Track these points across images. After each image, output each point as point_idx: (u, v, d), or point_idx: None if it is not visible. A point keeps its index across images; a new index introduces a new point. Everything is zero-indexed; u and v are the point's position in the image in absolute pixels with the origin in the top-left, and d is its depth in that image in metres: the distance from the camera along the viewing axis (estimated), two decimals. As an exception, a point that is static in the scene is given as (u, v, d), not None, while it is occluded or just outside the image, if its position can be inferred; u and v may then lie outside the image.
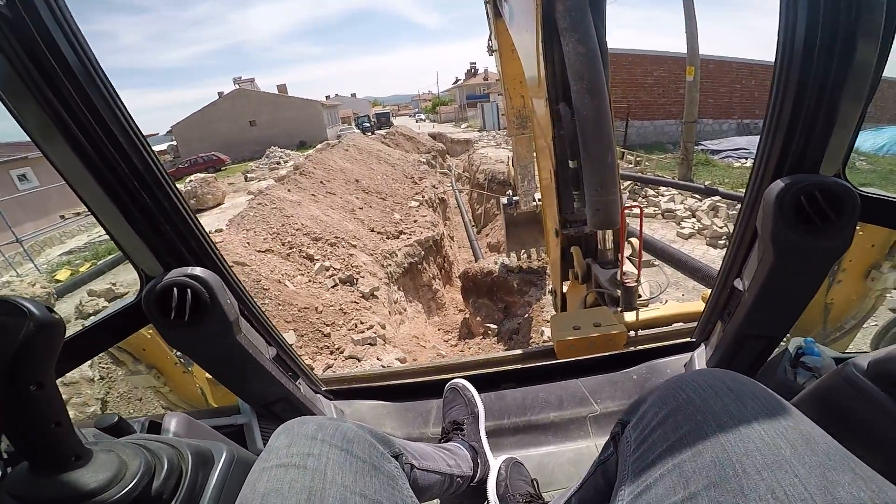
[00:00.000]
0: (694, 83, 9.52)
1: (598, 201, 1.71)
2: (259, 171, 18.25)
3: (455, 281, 10.05)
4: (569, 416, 1.38)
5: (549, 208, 2.61)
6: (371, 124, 36.74)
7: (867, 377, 0.60)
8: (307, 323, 5.54)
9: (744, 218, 1.01)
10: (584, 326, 1.75)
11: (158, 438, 0.63)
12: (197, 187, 14.10)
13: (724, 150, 13.60)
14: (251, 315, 1.13)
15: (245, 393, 1.11)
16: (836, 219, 0.77)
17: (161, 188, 0.85)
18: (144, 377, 1.33)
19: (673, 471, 0.52)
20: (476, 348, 6.95)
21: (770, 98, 0.83)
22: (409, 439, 1.42)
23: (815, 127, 0.78)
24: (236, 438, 1.04)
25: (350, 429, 0.67)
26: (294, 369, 1.29)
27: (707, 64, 15.53)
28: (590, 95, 1.58)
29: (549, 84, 1.91)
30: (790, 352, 1.13)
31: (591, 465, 0.86)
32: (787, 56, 0.75)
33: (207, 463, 0.63)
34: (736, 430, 0.50)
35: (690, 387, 0.59)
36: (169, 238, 0.89)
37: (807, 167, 0.83)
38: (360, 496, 0.58)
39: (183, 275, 0.86)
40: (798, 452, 0.46)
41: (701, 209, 7.99)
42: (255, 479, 0.57)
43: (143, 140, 0.82)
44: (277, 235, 7.64)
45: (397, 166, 15.01)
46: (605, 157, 1.66)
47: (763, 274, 0.92)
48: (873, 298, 1.74)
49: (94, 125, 0.74)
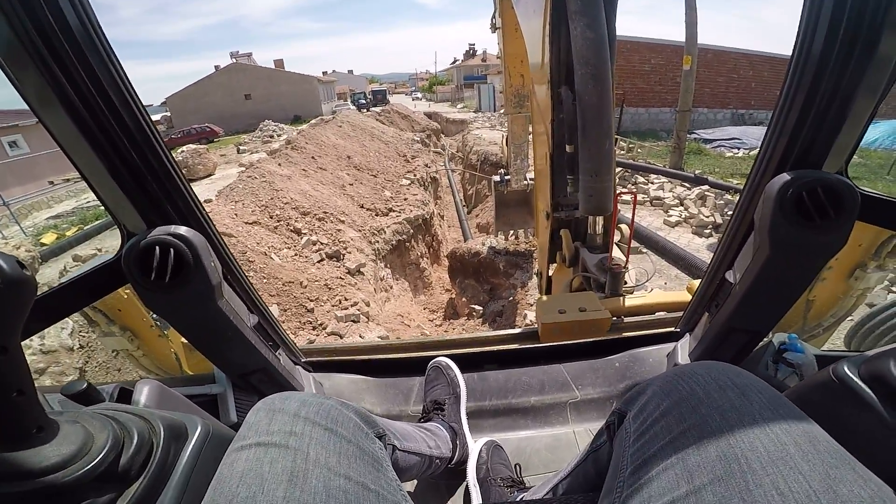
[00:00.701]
0: (690, 72, 9.48)
1: (591, 187, 1.70)
2: (252, 143, 18.36)
3: (443, 260, 10.05)
4: (549, 400, 1.38)
5: (541, 191, 2.59)
6: (367, 101, 36.41)
7: (859, 378, 0.59)
8: (291, 297, 5.49)
9: (741, 210, 1.00)
10: (569, 310, 1.74)
11: (129, 409, 0.60)
12: (188, 157, 14.48)
13: (716, 140, 13.70)
14: (234, 280, 1.09)
15: (222, 361, 1.08)
16: (836, 216, 0.77)
17: (150, 146, 0.81)
18: (118, 339, 1.29)
19: (676, 464, 0.51)
20: (460, 329, 6.99)
21: (783, 88, 0.81)
22: (389, 416, 1.41)
23: (825, 121, 0.77)
24: (209, 408, 1.01)
25: (334, 406, 0.65)
26: (275, 339, 1.26)
27: (705, 53, 15.53)
28: (594, 81, 1.55)
29: (553, 67, 1.87)
30: (774, 346, 1.14)
31: (582, 453, 0.85)
32: (808, 45, 0.73)
33: (180, 437, 0.59)
34: (741, 426, 0.49)
35: (693, 379, 0.58)
36: (154, 195, 0.85)
37: (811, 162, 0.82)
38: (344, 478, 0.55)
39: (166, 233, 0.82)
40: (802, 450, 0.46)
41: (689, 198, 8.05)
42: (232, 458, 0.54)
43: (136, 97, 0.78)
44: (266, 208, 7.55)
45: (391, 144, 14.82)
46: (603, 144, 1.64)
47: (757, 267, 0.91)
48: (855, 297, 1.76)
49: (91, 88, 0.71)
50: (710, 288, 1.20)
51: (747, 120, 17.40)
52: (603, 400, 1.38)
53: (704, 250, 6.44)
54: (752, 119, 17.50)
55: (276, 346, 1.25)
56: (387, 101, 37.87)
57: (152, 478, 0.52)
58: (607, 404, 1.37)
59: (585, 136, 1.64)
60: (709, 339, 1.17)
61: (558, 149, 2.04)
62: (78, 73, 0.69)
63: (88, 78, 0.71)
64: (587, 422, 1.33)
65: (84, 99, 0.71)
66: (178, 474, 0.55)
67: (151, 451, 0.54)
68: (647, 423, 0.59)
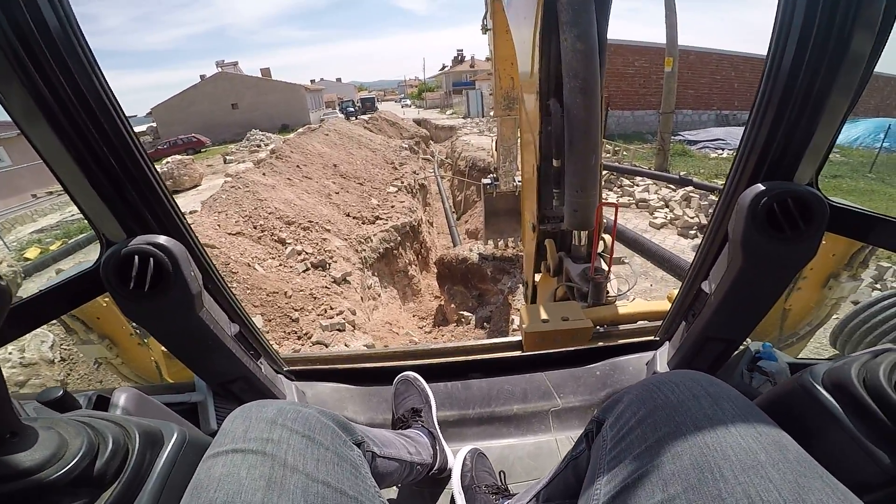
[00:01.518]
0: (672, 74, 9.60)
1: (577, 202, 1.72)
2: (239, 153, 18.27)
3: (432, 267, 10.05)
4: (532, 409, 1.39)
5: (528, 202, 2.62)
6: (355, 109, 36.41)
7: (822, 386, 0.61)
8: (276, 308, 5.44)
9: (716, 221, 1.02)
10: (552, 319, 1.76)
11: (104, 416, 0.60)
12: (174, 168, 14.35)
13: (701, 141, 13.81)
14: (215, 289, 1.09)
15: (202, 370, 1.07)
16: (805, 227, 0.79)
17: (131, 155, 0.81)
18: (96, 347, 1.27)
19: (652, 472, 0.52)
20: (449, 335, 6.98)
21: (756, 98, 0.83)
22: (372, 425, 1.41)
23: (798, 127, 0.79)
24: (189, 417, 1.00)
25: (311, 414, 0.65)
26: (256, 348, 1.25)
27: (688, 55, 15.71)
28: (582, 95, 1.55)
29: (542, 78, 1.86)
30: (749, 355, 1.17)
31: (562, 461, 0.86)
32: (780, 51, 0.75)
33: (156, 443, 0.59)
34: (713, 434, 0.51)
35: (668, 387, 0.60)
36: (134, 204, 0.85)
37: (782, 173, 0.85)
38: (322, 484, 0.55)
39: (146, 242, 0.82)
40: (772, 458, 0.47)
41: (674, 199, 8.13)
42: (209, 464, 0.54)
43: (118, 107, 0.78)
44: (249, 218, 7.49)
45: (378, 151, 14.83)
46: (590, 160, 1.65)
47: (731, 277, 0.93)
48: (829, 306, 1.81)
49: (74, 100, 0.71)
50: (687, 298, 1.23)
51: (731, 121, 17.59)
52: (584, 408, 1.39)
53: (689, 251, 6.49)
54: (735, 120, 17.70)
55: (258, 354, 1.24)
56: (375, 108, 37.84)
57: (127, 483, 0.52)
58: (588, 412, 1.39)
59: (572, 151, 1.65)
60: (686, 347, 1.19)
61: (545, 161, 2.03)
62: (62, 86, 0.69)
63: (72, 90, 0.71)
64: (569, 429, 1.34)
65: (67, 112, 0.71)
66: (153, 480, 0.55)
67: (127, 456, 0.54)
68: (624, 431, 0.60)
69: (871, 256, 1.69)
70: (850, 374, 0.58)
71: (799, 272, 1.05)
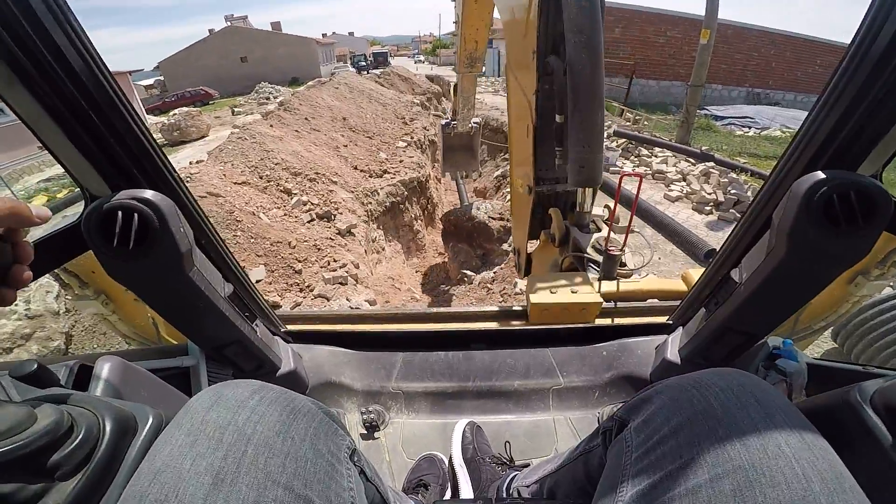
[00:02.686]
0: (707, 46, 9.15)
1: (583, 158, 1.66)
2: (247, 105, 18.77)
3: (438, 223, 9.97)
4: (532, 385, 1.36)
5: (520, 166, 2.46)
6: (367, 63, 36.07)
7: (871, 407, 0.54)
8: (279, 258, 5.41)
9: (758, 206, 0.93)
10: (560, 291, 1.70)
11: (79, 399, 0.53)
12: (181, 120, 15.04)
13: (728, 117, 13.46)
14: (209, 246, 1.02)
15: (194, 333, 1.02)
16: (864, 223, 0.70)
17: (114, 109, 0.74)
18: (92, 303, 1.23)
19: (685, 496, 0.46)
20: (451, 294, 7.00)
21: (830, 80, 0.73)
22: (370, 392, 1.38)
23: (874, 120, 0.69)
24: (181, 382, 0.97)
25: (295, 398, 0.57)
26: (252, 309, 1.20)
27: (725, 29, 15.38)
28: (588, 51, 1.52)
29: (541, 36, 1.79)
30: (767, 350, 1.10)
31: (573, 452, 0.81)
32: (871, 37, 0.65)
33: (129, 431, 0.53)
34: (764, 453, 0.44)
35: (710, 391, 0.53)
36: (119, 159, 0.78)
37: (846, 164, 0.75)
38: (283, 488, 0.46)
39: (130, 197, 0.75)
40: (828, 490, 0.41)
41: (693, 174, 7.92)
42: (156, 448, 0.47)
43: (98, 61, 0.71)
44: (256, 169, 7.36)
45: (389, 106, 14.39)
46: (596, 116, 1.61)
47: (768, 268, 0.85)
48: (851, 304, 1.72)
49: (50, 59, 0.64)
50: (710, 283, 1.15)
51: (763, 99, 17.13)
52: (585, 389, 1.35)
53: (703, 227, 6.41)
54: (767, 98, 17.26)
55: (254, 316, 1.19)
56: (388, 63, 37.08)
57: (94, 475, 0.47)
58: (590, 393, 1.35)
59: (577, 108, 1.59)
60: (703, 336, 1.13)
61: (543, 120, 1.97)
62: (36, 46, 0.62)
63: (47, 49, 0.63)
64: (567, 410, 1.32)
65: (44, 72, 0.64)
66: (124, 472, 0.49)
67: (95, 446, 0.49)
68: (655, 441, 0.53)
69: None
70: None
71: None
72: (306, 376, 1.34)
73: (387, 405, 1.38)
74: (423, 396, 1.39)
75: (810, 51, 17.17)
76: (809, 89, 17.35)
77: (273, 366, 1.21)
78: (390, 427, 1.34)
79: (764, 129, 12.60)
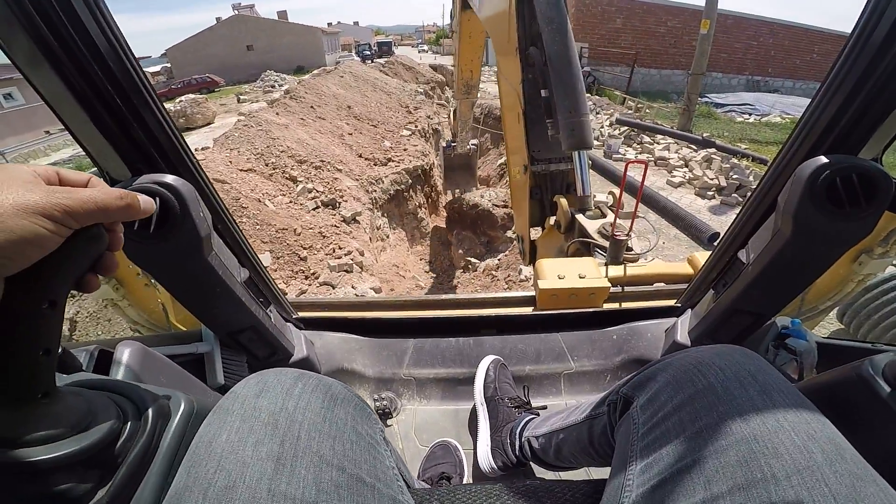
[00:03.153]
0: (707, 36, 9.29)
1: (571, 122, 1.90)
2: (253, 93, 18.81)
3: (442, 211, 9.97)
4: (544, 370, 1.37)
5: (515, 154, 2.68)
6: (371, 52, 35.66)
7: (883, 379, 0.56)
8: (284, 245, 5.43)
9: (764, 189, 0.94)
10: (568, 276, 1.70)
11: (118, 387, 0.54)
12: (187, 107, 15.12)
13: (728, 105, 13.65)
14: (225, 231, 1.03)
15: (210, 319, 1.04)
16: (866, 204, 0.73)
17: (138, 93, 0.74)
18: (103, 288, 1.24)
19: (692, 467, 0.48)
20: (455, 282, 7.02)
21: (833, 68, 0.74)
22: (381, 378, 1.40)
23: (874, 105, 0.71)
24: (195, 369, 0.98)
25: (333, 384, 0.59)
26: (266, 295, 1.22)
27: (725, 19, 15.74)
28: (559, 34, 1.87)
29: (521, 35, 2.20)
30: (776, 330, 1.11)
31: (581, 412, 0.84)
32: (877, 17, 0.65)
33: (165, 417, 0.54)
34: (764, 428, 0.46)
35: (710, 370, 0.54)
36: (141, 143, 0.79)
37: (848, 147, 0.77)
38: (337, 469, 0.48)
39: (152, 181, 0.76)
40: (829, 459, 0.43)
41: (695, 160, 7.99)
42: (212, 433, 0.48)
43: (125, 45, 0.71)
44: (261, 156, 7.37)
45: (393, 95, 14.31)
46: (576, 84, 1.89)
47: (774, 249, 0.87)
48: (855, 282, 1.72)
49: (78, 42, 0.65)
50: (717, 265, 1.16)
51: (762, 87, 17.24)
52: (597, 373, 1.37)
53: (706, 211, 6.45)
54: (767, 86, 17.42)
55: (268, 302, 1.21)
56: (392, 52, 36.77)
57: (134, 464, 0.48)
58: (601, 377, 1.36)
59: (559, 79, 1.89)
60: (712, 318, 1.14)
61: (531, 104, 2.28)
62: (65, 28, 0.62)
63: (76, 32, 0.64)
64: (579, 394, 1.33)
65: (71, 54, 0.65)
66: (160, 460, 0.51)
67: (138, 433, 0.50)
68: (659, 417, 0.56)
69: (910, 234, 1.59)
70: None
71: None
72: (319, 363, 1.36)
73: (399, 392, 1.40)
74: (435, 383, 1.41)
75: (808, 39, 17.42)
76: (808, 76, 17.61)
77: (286, 352, 1.23)
78: (402, 414, 1.35)
79: (764, 116, 12.65)
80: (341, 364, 1.39)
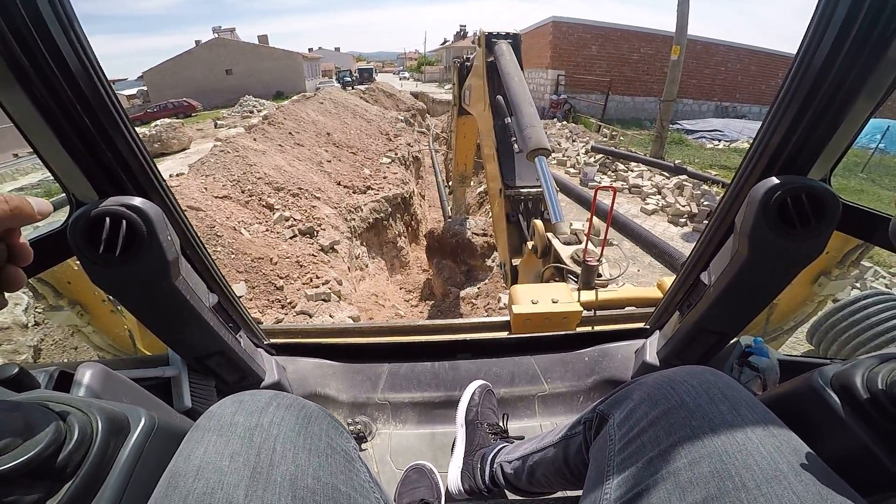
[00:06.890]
0: (677, 62, 9.63)
1: (527, 132, 2.45)
2: (230, 118, 18.73)
3: (422, 240, 9.99)
4: (518, 392, 1.38)
5: (493, 181, 3.29)
6: (352, 79, 36.54)
7: (830, 388, 0.59)
8: (260, 274, 5.34)
9: (722, 211, 0.99)
10: (541, 301, 1.73)
11: (67, 399, 0.53)
12: (162, 132, 14.94)
13: (699, 131, 14.10)
14: (194, 256, 1.03)
15: (177, 343, 1.02)
16: (816, 223, 0.77)
17: (108, 115, 0.74)
18: (66, 314, 1.20)
19: (668, 478, 0.50)
20: (436, 310, 6.98)
21: (780, 90, 0.79)
22: (356, 403, 1.38)
23: (819, 125, 0.75)
24: (162, 392, 0.96)
25: (306, 403, 0.61)
26: (236, 320, 1.20)
27: (695, 45, 16.08)
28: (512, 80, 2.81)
29: (490, 94, 3.25)
30: (740, 349, 1.15)
31: (556, 434, 0.85)
32: (815, 45, 0.71)
33: (121, 431, 0.53)
34: (733, 441, 0.49)
35: (683, 388, 0.58)
36: (108, 165, 0.78)
37: (797, 168, 0.82)
38: (312, 478, 0.50)
39: (118, 204, 0.75)
40: (795, 468, 0.45)
41: (667, 187, 8.19)
42: (189, 449, 0.49)
43: (96, 65, 0.71)
44: (237, 183, 7.29)
45: (373, 122, 14.48)
46: (530, 108, 2.60)
47: (733, 270, 0.91)
48: (816, 303, 1.80)
49: (49, 61, 0.65)
50: (682, 287, 1.20)
51: (730, 112, 17.87)
52: (570, 394, 1.38)
53: (679, 239, 6.60)
54: (735, 112, 17.97)
55: (237, 327, 1.19)
56: (373, 79, 37.46)
57: (87, 476, 0.47)
58: (574, 398, 1.37)
59: (517, 108, 2.62)
60: (678, 338, 1.17)
61: (502, 143, 3.07)
62: (38, 48, 0.63)
63: (48, 51, 0.64)
64: (554, 416, 1.33)
65: (43, 75, 0.65)
66: (116, 473, 0.49)
67: (90, 447, 0.49)
68: (635, 432, 0.58)
69: (864, 256, 1.68)
70: (856, 378, 0.57)
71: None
72: (291, 388, 1.33)
73: (373, 416, 1.38)
74: (410, 407, 1.40)
75: (774, 64, 18.03)
76: (773, 102, 18.39)
77: (256, 377, 1.21)
78: (377, 438, 1.33)
79: (733, 142, 13.16)
80: (314, 389, 1.37)
